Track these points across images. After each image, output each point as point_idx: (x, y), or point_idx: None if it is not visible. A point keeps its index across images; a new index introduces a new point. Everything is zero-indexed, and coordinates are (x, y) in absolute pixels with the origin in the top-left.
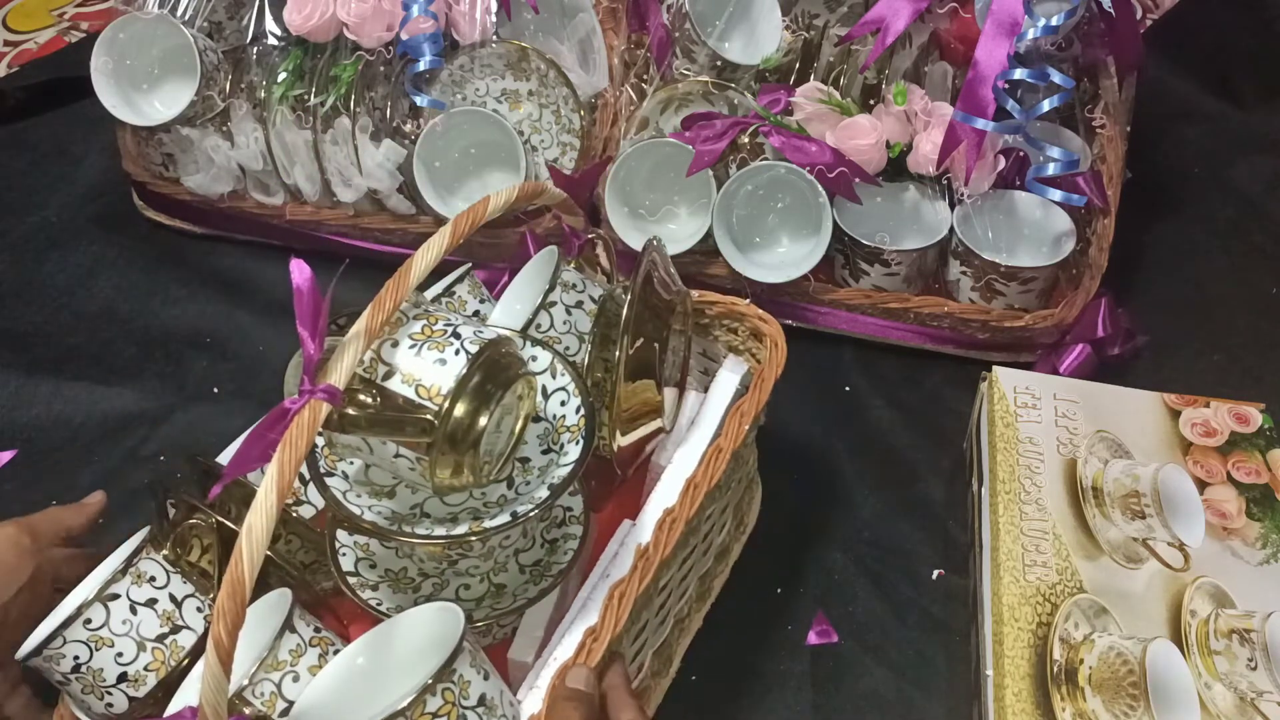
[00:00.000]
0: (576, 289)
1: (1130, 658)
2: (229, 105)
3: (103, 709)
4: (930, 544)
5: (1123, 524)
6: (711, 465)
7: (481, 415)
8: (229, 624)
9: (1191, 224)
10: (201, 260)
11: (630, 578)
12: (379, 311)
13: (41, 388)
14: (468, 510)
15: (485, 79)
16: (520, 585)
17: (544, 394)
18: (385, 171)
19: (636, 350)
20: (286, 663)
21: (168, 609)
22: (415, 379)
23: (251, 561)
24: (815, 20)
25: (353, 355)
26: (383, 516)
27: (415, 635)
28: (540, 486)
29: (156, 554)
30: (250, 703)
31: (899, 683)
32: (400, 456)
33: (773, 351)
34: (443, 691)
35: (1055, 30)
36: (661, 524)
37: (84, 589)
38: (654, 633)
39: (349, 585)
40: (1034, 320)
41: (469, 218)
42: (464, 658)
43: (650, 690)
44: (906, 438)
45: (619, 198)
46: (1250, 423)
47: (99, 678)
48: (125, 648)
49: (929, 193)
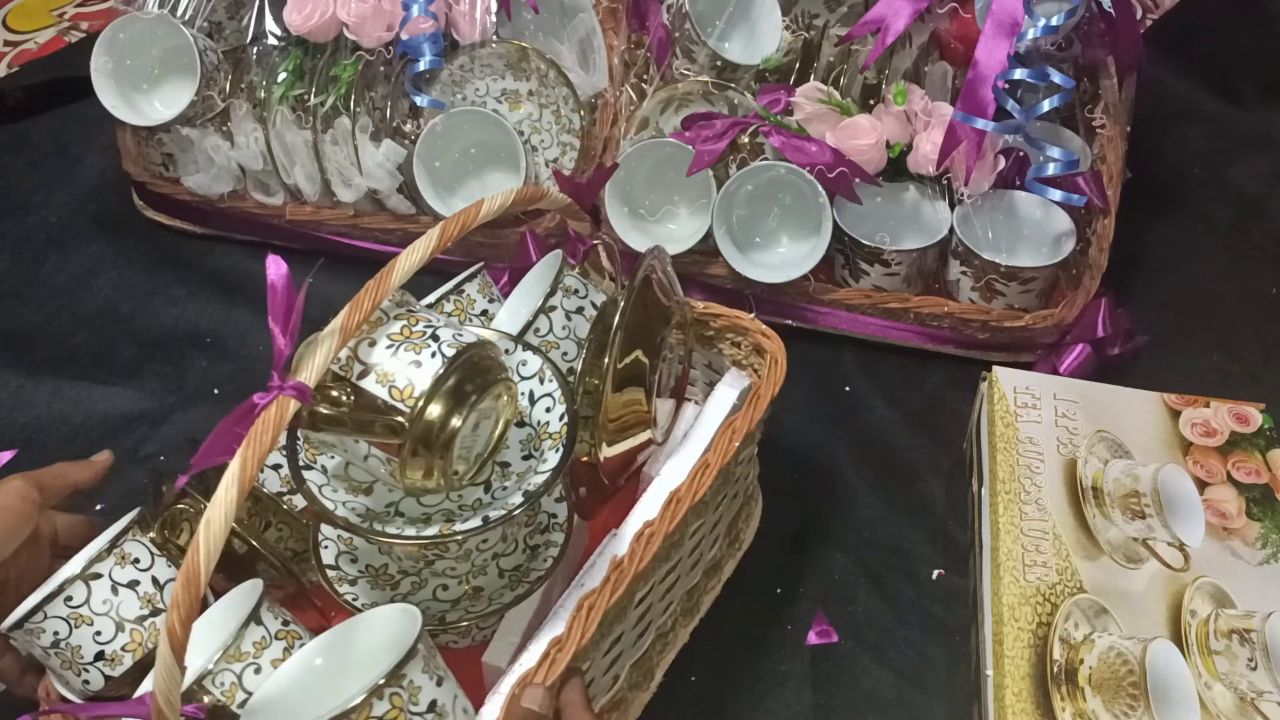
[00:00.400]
0: (578, 294)
1: (1130, 658)
2: (229, 105)
3: (79, 685)
4: (930, 544)
5: (1123, 524)
6: (697, 481)
7: (455, 417)
8: (182, 614)
9: (1191, 224)
10: (201, 260)
11: (601, 590)
12: (356, 310)
13: (41, 388)
14: (442, 512)
15: (485, 79)
16: (498, 589)
17: (530, 399)
18: (385, 171)
19: (629, 361)
20: (249, 654)
21: (149, 591)
22: (390, 379)
23: (208, 554)
24: (815, 20)
25: (325, 353)
26: (356, 513)
27: (376, 635)
28: (516, 492)
29: (143, 536)
30: (210, 691)
31: (899, 683)
32: (372, 456)
33: (772, 368)
34: (391, 696)
35: (1055, 30)
36: (639, 537)
37: (70, 567)
38: (631, 646)
39: (328, 578)
40: (1034, 320)
41: (459, 221)
42: (416, 662)
43: (627, 703)
44: (906, 438)
45: (619, 198)
46: (1250, 423)
47: (77, 654)
48: (104, 627)
49: (929, 193)
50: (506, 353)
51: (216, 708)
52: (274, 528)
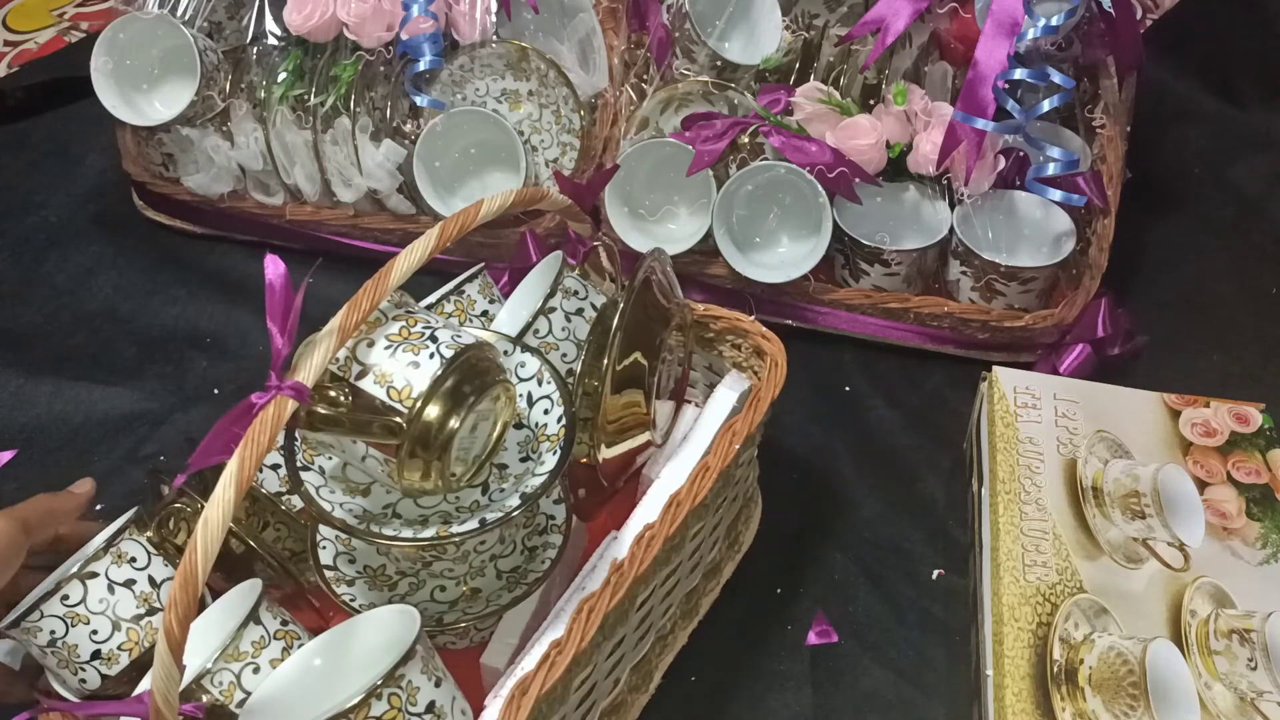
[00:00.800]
0: (578, 295)
1: (1130, 658)
2: (229, 105)
3: (76, 684)
4: (930, 544)
5: (1123, 524)
6: (697, 483)
7: (453, 419)
8: (180, 614)
9: (1191, 224)
10: (201, 260)
11: (601, 592)
12: (354, 311)
13: (41, 388)
14: (439, 513)
15: (485, 79)
16: (496, 591)
17: (529, 401)
18: (385, 171)
19: (628, 363)
20: (248, 654)
21: (145, 590)
22: (388, 380)
23: (206, 553)
24: (815, 20)
25: (323, 353)
26: (352, 514)
27: (375, 636)
28: (513, 494)
29: (140, 535)
30: (209, 690)
31: (899, 683)
32: (369, 457)
33: (772, 371)
34: (389, 696)
35: (1055, 30)
36: (639, 540)
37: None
38: (632, 648)
39: (325, 579)
40: (1034, 320)
41: (457, 222)
42: (414, 663)
43: (627, 706)
44: (906, 438)
45: (619, 198)
46: (1250, 423)
47: (74, 653)
48: (100, 626)
49: (929, 193)
50: (505, 354)
51: (215, 707)
52: (272, 528)
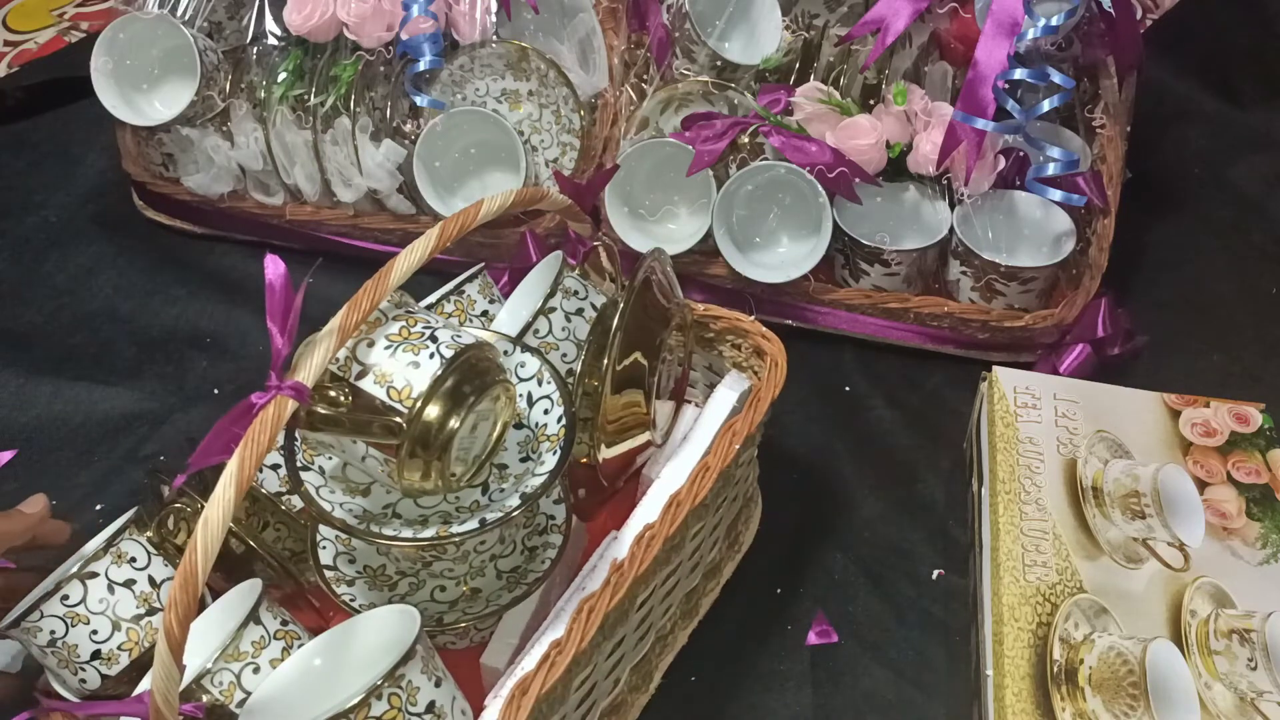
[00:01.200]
0: (578, 295)
1: (1130, 658)
2: (229, 105)
3: (76, 684)
4: (930, 544)
5: (1123, 524)
6: (697, 483)
7: (453, 419)
8: (180, 613)
9: (1191, 224)
10: (201, 260)
11: (602, 592)
12: (354, 311)
13: (41, 388)
14: (439, 514)
15: (485, 79)
16: (496, 591)
17: (529, 401)
18: (385, 171)
19: (628, 363)
20: (248, 654)
21: (145, 590)
22: (388, 380)
23: (206, 553)
24: (815, 20)
25: (323, 353)
26: (352, 514)
27: (375, 636)
28: (513, 494)
29: (140, 535)
30: (209, 690)
31: (899, 683)
32: (369, 457)
33: (772, 371)
34: (389, 696)
35: (1055, 30)
36: (640, 540)
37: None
38: (632, 649)
39: (325, 579)
40: (1034, 320)
41: (457, 222)
42: (414, 663)
43: (626, 706)
44: (906, 438)
45: (619, 198)
46: (1250, 423)
47: (74, 653)
48: (100, 626)
49: (929, 193)
50: (505, 354)
51: (215, 707)
52: (272, 528)
